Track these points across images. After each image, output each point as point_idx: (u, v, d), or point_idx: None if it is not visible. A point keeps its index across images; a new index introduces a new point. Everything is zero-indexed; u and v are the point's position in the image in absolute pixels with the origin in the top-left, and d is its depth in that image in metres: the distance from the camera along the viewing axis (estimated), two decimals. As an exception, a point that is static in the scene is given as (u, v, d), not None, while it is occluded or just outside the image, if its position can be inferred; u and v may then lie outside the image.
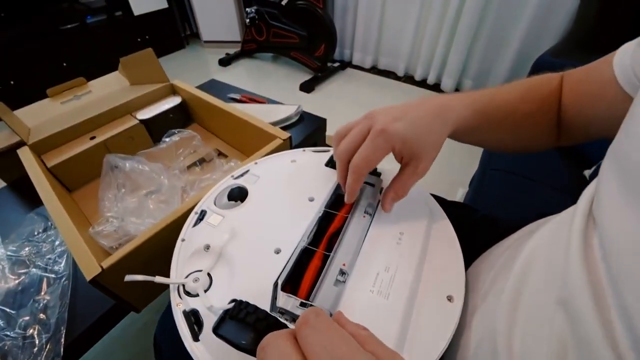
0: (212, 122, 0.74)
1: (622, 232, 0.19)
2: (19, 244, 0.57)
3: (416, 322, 0.27)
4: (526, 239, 0.30)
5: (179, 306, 0.28)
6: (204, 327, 0.26)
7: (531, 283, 0.24)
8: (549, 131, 0.39)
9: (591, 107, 0.35)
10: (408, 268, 0.31)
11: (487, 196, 0.81)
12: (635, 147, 0.21)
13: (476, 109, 0.35)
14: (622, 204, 0.20)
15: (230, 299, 0.27)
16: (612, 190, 0.21)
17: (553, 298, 0.21)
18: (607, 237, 0.20)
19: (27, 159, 0.58)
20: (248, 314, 0.22)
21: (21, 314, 0.46)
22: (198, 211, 0.36)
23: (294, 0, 1.88)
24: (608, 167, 0.23)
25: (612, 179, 0.22)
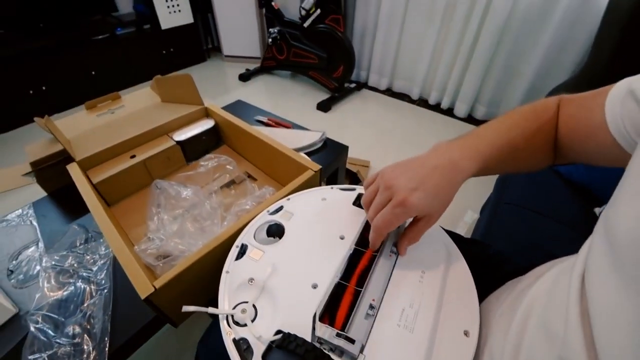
0: (242, 145, 0.79)
1: (606, 309, 0.21)
2: (62, 254, 0.61)
3: (437, 354, 0.31)
4: (531, 285, 0.33)
5: (229, 335, 0.32)
6: (254, 355, 0.30)
7: (531, 333, 0.27)
8: (546, 155, 0.41)
9: (581, 143, 0.37)
10: (429, 305, 0.34)
11: (500, 229, 0.84)
12: (622, 224, 0.22)
13: (482, 162, 0.37)
14: (609, 279, 0.22)
15: (275, 329, 0.31)
16: (601, 261, 0.23)
17: (554, 356, 0.24)
18: (593, 307, 0.23)
19: (76, 174, 0.63)
20: (298, 346, 0.26)
21: (69, 323, 0.50)
22: (239, 245, 0.41)
23: (316, 23, 1.96)
24: (599, 234, 0.25)
25: (601, 250, 0.24)
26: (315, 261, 0.38)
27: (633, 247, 0.21)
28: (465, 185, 0.37)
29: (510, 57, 1.71)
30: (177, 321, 0.48)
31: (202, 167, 0.66)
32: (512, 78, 1.77)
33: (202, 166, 0.67)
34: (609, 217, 0.25)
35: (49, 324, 0.50)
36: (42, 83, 1.97)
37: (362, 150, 1.69)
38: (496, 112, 1.92)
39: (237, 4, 2.41)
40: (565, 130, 0.39)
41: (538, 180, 0.96)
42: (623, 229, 0.22)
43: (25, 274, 0.61)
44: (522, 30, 1.62)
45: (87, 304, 0.53)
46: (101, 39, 2.16)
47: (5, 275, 0.60)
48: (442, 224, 0.45)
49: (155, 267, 0.51)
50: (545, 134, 0.40)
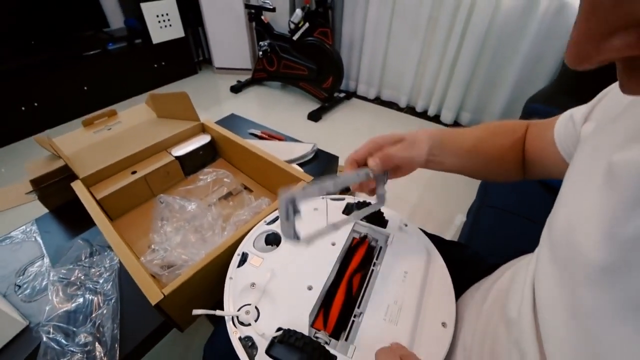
0: (237, 158, 0.84)
1: (547, 297, 0.26)
2: (69, 268, 0.64)
3: (419, 343, 0.35)
4: (496, 280, 0.39)
5: (235, 334, 0.36)
6: (258, 350, 0.34)
7: (494, 322, 0.32)
8: (517, 170, 0.49)
9: (540, 160, 0.45)
10: (411, 300, 0.39)
11: (482, 230, 0.90)
12: (557, 223, 0.27)
13: (432, 140, 0.44)
14: (548, 271, 0.26)
15: (276, 327, 0.35)
16: (544, 256, 0.28)
17: (511, 339, 0.29)
18: (538, 296, 0.27)
19: (81, 191, 0.67)
20: (297, 339, 0.31)
21: (79, 332, 0.53)
22: (240, 253, 0.45)
23: (305, 36, 2.03)
24: (544, 233, 0.30)
25: (545, 247, 0.28)
26: (309, 266, 0.42)
27: (564, 244, 0.26)
28: (455, 193, 0.42)
29: (491, 67, 1.80)
30: (183, 326, 0.51)
31: (202, 181, 0.70)
32: (494, 86, 1.86)
33: (202, 180, 0.71)
34: (550, 218, 0.30)
35: (60, 334, 0.53)
36: (34, 99, 1.98)
37: (353, 158, 1.74)
38: (481, 118, 2.00)
39: (227, 18, 2.47)
40: (530, 148, 0.46)
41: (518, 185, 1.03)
42: (558, 227, 0.27)
43: (32, 288, 0.63)
44: (501, 42, 1.71)
45: (96, 314, 0.56)
46: (93, 54, 2.19)
47: (14, 290, 0.63)
48: (435, 226, 0.50)
49: (161, 276, 0.54)
50: (517, 151, 0.47)
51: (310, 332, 0.35)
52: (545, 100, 1.23)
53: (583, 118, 0.35)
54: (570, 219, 0.26)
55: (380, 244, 0.46)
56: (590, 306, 0.22)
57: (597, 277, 0.22)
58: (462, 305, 0.42)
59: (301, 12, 1.97)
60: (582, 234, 0.24)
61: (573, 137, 0.36)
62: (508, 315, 0.31)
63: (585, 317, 0.22)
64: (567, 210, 0.27)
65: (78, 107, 2.19)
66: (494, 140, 0.48)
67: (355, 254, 0.44)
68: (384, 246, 0.45)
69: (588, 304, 0.22)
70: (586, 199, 0.25)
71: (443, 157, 0.46)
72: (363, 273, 0.43)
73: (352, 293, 0.40)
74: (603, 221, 0.22)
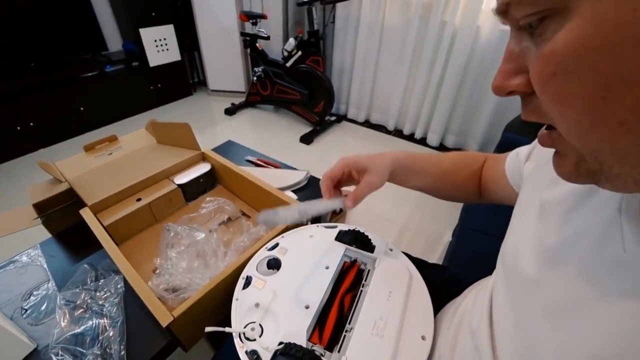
0: (235, 186, 0.89)
1: (499, 309, 0.33)
2: (75, 292, 0.68)
3: (401, 354, 0.41)
4: (465, 296, 0.46)
5: (242, 348, 0.41)
6: (263, 362, 0.39)
7: (462, 332, 0.39)
8: (474, 194, 0.57)
9: (493, 189, 0.53)
10: (395, 316, 0.44)
11: (464, 251, 0.97)
12: (507, 248, 0.34)
13: (395, 162, 0.52)
14: (501, 287, 0.32)
15: (278, 341, 0.41)
16: (499, 275, 0.35)
17: (472, 346, 0.35)
18: (494, 309, 0.34)
19: (90, 218, 0.71)
20: (297, 351, 0.36)
21: (87, 354, 0.57)
22: (245, 277, 0.50)
23: (297, 63, 2.14)
24: (500, 256, 0.38)
25: (499, 268, 0.36)
26: (306, 287, 0.48)
27: (510, 264, 0.33)
28: (442, 215, 0.49)
29: (473, 94, 1.93)
30: (188, 346, 0.56)
31: (204, 209, 0.76)
32: (475, 112, 1.98)
33: (204, 208, 0.76)
34: (503, 244, 0.37)
35: (69, 355, 0.56)
36: (29, 119, 2.01)
37: (344, 180, 1.81)
38: (465, 141, 2.11)
39: (223, 43, 2.57)
40: (485, 177, 0.55)
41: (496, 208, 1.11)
42: (507, 251, 0.34)
43: (38, 312, 0.66)
44: (481, 71, 1.84)
45: (103, 337, 0.60)
46: (90, 76, 2.25)
47: (20, 314, 0.66)
48: (424, 244, 0.57)
49: (167, 300, 0.59)
50: (475, 179, 0.56)
51: (308, 346, 0.40)
52: (519, 128, 1.33)
53: (525, 157, 0.44)
54: (515, 244, 0.34)
55: (368, 267, 0.52)
56: (526, 314, 0.29)
57: (530, 288, 0.29)
58: (439, 320, 0.48)
59: (294, 41, 2.09)
60: (522, 255, 0.31)
61: (519, 172, 0.44)
62: (471, 326, 0.37)
63: (524, 323, 0.29)
64: (514, 238, 0.35)
65: (74, 127, 2.22)
66: (456, 168, 0.56)
67: (347, 277, 0.50)
68: (371, 269, 0.51)
69: (525, 311, 0.29)
70: (526, 229, 0.33)
71: (406, 177, 0.54)
72: (353, 293, 0.48)
73: (344, 311, 0.46)
74: (536, 245, 0.30)
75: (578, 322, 0.23)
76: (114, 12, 2.45)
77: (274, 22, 2.35)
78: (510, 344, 0.30)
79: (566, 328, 0.24)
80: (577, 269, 0.25)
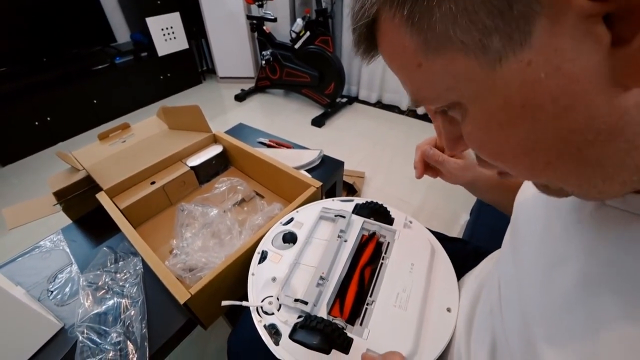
0: (248, 167, 0.88)
1: (504, 274, 0.33)
2: (97, 274, 0.69)
3: (426, 327, 0.39)
4: (482, 268, 0.45)
5: (260, 322, 0.40)
6: (282, 336, 0.38)
7: (481, 299, 0.38)
8: None
9: None
10: (418, 288, 0.43)
11: (483, 227, 0.93)
12: (514, 217, 0.35)
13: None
14: (507, 251, 0.34)
15: (297, 314, 0.40)
16: (506, 245, 0.36)
17: (488, 310, 0.35)
18: (500, 270, 0.34)
19: (106, 202, 0.71)
20: (318, 323, 0.35)
21: (111, 332, 0.58)
22: (260, 251, 0.49)
23: (306, 44, 2.09)
24: (508, 229, 0.38)
25: (507, 237, 0.37)
26: (324, 260, 0.46)
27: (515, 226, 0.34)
28: (458, 195, 0.47)
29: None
30: (206, 324, 0.56)
31: (217, 189, 0.75)
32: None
33: (217, 188, 0.75)
34: None
35: (94, 333, 0.58)
36: (46, 114, 2.06)
37: (357, 162, 1.78)
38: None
39: (230, 29, 2.54)
40: None
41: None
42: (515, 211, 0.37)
43: (63, 293, 0.68)
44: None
45: (124, 315, 0.60)
46: (101, 68, 2.27)
47: (47, 295, 0.68)
48: (440, 225, 0.55)
49: (184, 279, 0.59)
50: None
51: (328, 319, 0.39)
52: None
53: None
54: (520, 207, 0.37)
55: (387, 240, 0.50)
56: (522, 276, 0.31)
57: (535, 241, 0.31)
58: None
59: (302, 21, 2.03)
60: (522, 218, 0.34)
61: None
62: (489, 292, 0.37)
63: (521, 285, 0.31)
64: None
65: (88, 120, 2.26)
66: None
67: (366, 249, 0.48)
68: (391, 242, 0.49)
69: (522, 266, 0.31)
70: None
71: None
72: (373, 266, 0.47)
73: (365, 284, 0.44)
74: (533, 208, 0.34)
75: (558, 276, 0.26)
76: (120, 3, 2.44)
77: (280, 3, 2.29)
78: (510, 304, 0.31)
79: (551, 285, 0.26)
80: (561, 230, 0.28)
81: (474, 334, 0.37)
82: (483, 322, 0.36)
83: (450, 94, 0.20)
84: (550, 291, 0.26)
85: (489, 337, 0.34)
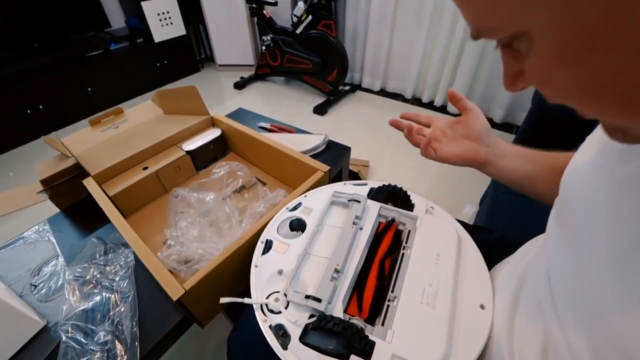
0: (249, 152, 0.82)
1: (555, 261, 0.29)
2: (84, 266, 0.63)
3: (458, 327, 0.34)
4: (520, 259, 0.40)
5: (265, 322, 0.34)
6: (291, 338, 0.32)
7: (524, 294, 0.33)
8: None
9: None
10: (447, 283, 0.37)
11: (501, 217, 0.88)
12: (562, 198, 0.31)
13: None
14: (555, 240, 0.30)
15: (308, 313, 0.34)
16: (552, 229, 0.32)
17: (536, 305, 0.31)
18: (550, 260, 0.31)
19: (94, 188, 0.65)
20: (335, 324, 0.29)
21: (98, 331, 0.52)
22: (264, 240, 0.43)
23: (308, 29, 2.00)
24: (552, 212, 0.33)
25: (552, 217, 0.32)
26: (338, 251, 0.40)
27: (567, 211, 0.30)
28: (463, 182, 0.41)
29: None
30: (204, 321, 0.50)
31: (215, 175, 0.69)
32: (501, 74, 1.81)
33: (215, 173, 0.69)
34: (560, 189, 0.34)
35: (79, 333, 0.52)
36: (39, 102, 1.98)
37: (361, 151, 1.72)
38: (489, 107, 1.96)
39: (228, 14, 2.44)
40: None
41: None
42: (563, 196, 0.32)
43: (48, 287, 0.62)
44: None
45: (113, 312, 0.55)
46: (95, 55, 2.19)
47: (30, 290, 0.62)
48: None
49: (179, 272, 0.53)
50: None
51: (345, 319, 0.33)
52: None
53: None
54: (574, 187, 0.31)
55: (408, 228, 0.44)
56: (584, 263, 0.26)
57: (587, 234, 0.27)
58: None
59: (304, 4, 1.94)
60: (579, 199, 0.29)
61: None
62: (534, 286, 0.33)
63: (582, 273, 0.26)
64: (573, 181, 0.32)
65: (83, 109, 2.18)
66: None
67: (384, 238, 0.42)
68: (412, 229, 0.43)
69: (582, 261, 0.27)
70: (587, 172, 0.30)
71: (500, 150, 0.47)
72: (393, 257, 0.41)
73: (385, 277, 0.38)
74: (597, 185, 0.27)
75: None
76: (114, -14, 2.35)
77: (280, -14, 2.20)
78: (569, 297, 0.28)
79: (625, 276, 0.23)
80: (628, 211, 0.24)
81: (517, 333, 0.32)
82: (529, 320, 0.31)
83: (518, 20, 0.18)
84: (626, 282, 0.23)
85: (538, 336, 0.29)
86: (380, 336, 0.32)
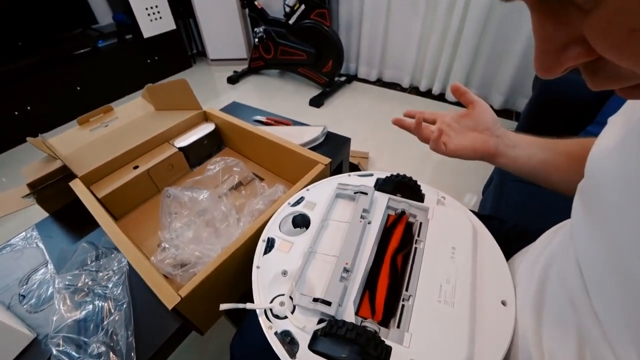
0: (245, 146, 0.78)
1: (586, 251, 0.27)
2: (75, 274, 0.59)
3: (480, 326, 0.31)
4: (542, 248, 0.37)
5: (270, 329, 0.31)
6: (300, 346, 0.29)
7: (550, 288, 0.31)
8: None
9: None
10: (465, 278, 0.34)
11: (509, 205, 0.85)
12: (588, 183, 0.29)
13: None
14: (582, 223, 0.28)
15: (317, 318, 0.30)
16: (579, 216, 0.30)
17: (567, 300, 0.28)
18: (580, 254, 0.28)
19: (81, 190, 0.62)
20: (348, 330, 0.26)
21: (91, 342, 0.49)
22: (265, 239, 0.40)
23: (301, 19, 1.95)
24: (577, 198, 0.31)
25: (577, 204, 0.30)
26: (346, 247, 0.37)
27: (594, 195, 0.27)
28: (464, 171, 0.37)
29: (497, 40, 1.72)
30: (203, 329, 0.47)
31: (210, 171, 0.65)
32: (500, 60, 1.77)
33: (210, 170, 0.65)
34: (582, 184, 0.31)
35: (71, 345, 0.49)
36: (26, 103, 1.92)
37: (359, 143, 1.68)
38: (488, 93, 1.92)
39: (219, 6, 2.38)
40: None
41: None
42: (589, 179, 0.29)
43: (38, 297, 0.59)
44: (506, 13, 1.62)
45: (107, 321, 0.51)
46: (83, 53, 2.13)
47: (18, 301, 0.58)
48: None
49: (175, 276, 0.50)
50: None
51: (357, 322, 0.30)
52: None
53: None
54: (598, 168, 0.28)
55: (419, 220, 0.41)
56: (619, 246, 0.24)
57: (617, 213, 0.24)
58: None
59: (295, -7, 1.89)
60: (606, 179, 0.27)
61: None
62: (561, 279, 0.30)
63: (618, 258, 0.24)
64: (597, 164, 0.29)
65: (72, 109, 2.12)
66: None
67: (394, 232, 0.39)
68: (424, 221, 0.40)
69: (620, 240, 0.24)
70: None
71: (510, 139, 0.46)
72: (405, 252, 0.38)
73: (397, 275, 0.35)
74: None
75: None
76: (99, -20, 2.27)
77: (271, -24, 2.14)
78: (605, 290, 0.25)
79: None
80: None
81: (547, 330, 0.29)
82: (560, 315, 0.29)
83: None
84: None
85: (572, 333, 0.27)
86: (396, 340, 0.29)
